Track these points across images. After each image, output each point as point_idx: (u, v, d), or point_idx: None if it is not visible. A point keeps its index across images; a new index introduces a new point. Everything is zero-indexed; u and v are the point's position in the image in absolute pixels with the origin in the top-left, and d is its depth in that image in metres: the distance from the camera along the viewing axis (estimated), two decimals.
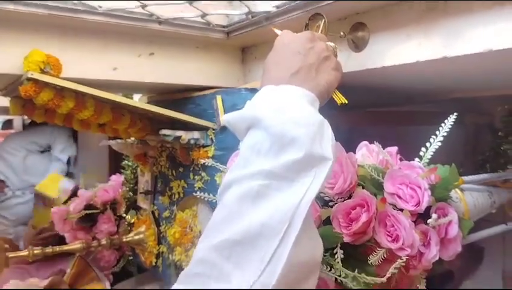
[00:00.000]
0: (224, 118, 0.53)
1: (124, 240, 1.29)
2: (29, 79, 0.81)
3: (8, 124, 3.60)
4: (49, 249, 1.15)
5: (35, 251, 1.14)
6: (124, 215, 1.43)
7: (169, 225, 1.19)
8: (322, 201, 0.65)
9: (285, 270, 0.38)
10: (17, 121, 3.56)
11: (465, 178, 0.82)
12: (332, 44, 0.64)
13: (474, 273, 1.35)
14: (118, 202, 1.46)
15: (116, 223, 1.45)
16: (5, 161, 2.31)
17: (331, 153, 0.45)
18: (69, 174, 2.37)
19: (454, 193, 0.79)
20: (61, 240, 1.47)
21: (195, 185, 1.09)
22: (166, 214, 1.22)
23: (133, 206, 1.42)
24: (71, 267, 1.48)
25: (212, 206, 1.00)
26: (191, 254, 1.06)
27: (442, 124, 0.73)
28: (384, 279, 0.56)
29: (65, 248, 1.21)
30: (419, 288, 0.66)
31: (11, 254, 1.10)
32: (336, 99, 0.60)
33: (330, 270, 0.59)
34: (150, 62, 1.01)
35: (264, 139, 0.45)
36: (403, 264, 0.57)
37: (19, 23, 0.84)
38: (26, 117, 3.58)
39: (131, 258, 1.46)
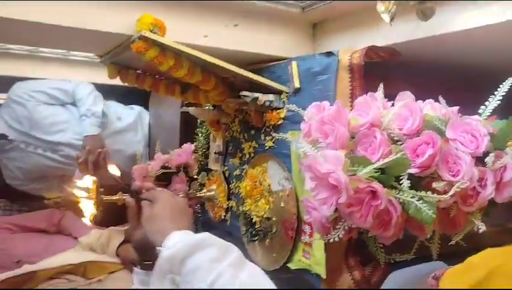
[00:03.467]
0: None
1: (198, 195, 1.45)
2: (140, 37, 0.97)
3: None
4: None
5: (125, 197, 1.31)
6: (196, 176, 1.59)
7: (239, 181, 1.33)
8: (392, 140, 0.76)
9: None
10: None
11: None
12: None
13: None
14: (190, 165, 1.63)
15: (188, 184, 1.62)
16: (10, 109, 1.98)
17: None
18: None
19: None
20: None
21: (265, 145, 1.22)
22: (237, 172, 1.37)
23: (204, 168, 1.58)
24: None
25: (282, 160, 1.12)
26: (260, 204, 1.20)
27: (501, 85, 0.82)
28: (448, 196, 0.66)
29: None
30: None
31: (105, 197, 1.27)
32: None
33: (398, 193, 0.69)
34: (234, 32, 1.15)
35: None
36: (463, 186, 0.67)
37: None
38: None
39: (200, 216, 1.62)
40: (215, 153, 1.48)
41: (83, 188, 1.26)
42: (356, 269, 0.92)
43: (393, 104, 0.83)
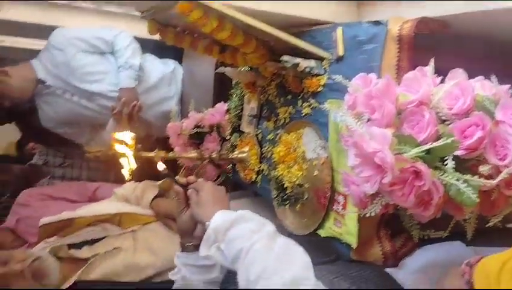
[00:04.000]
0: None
1: (230, 156, 1.47)
2: None
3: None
4: (172, 154, 1.35)
5: (161, 154, 1.34)
6: (228, 137, 1.61)
7: (272, 145, 1.34)
8: (440, 120, 0.74)
9: None
10: None
11: None
12: None
13: None
14: (223, 126, 1.64)
15: (220, 144, 1.64)
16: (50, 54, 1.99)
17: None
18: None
19: None
20: None
21: (302, 112, 1.21)
22: (270, 136, 1.37)
23: (236, 130, 1.59)
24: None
25: (320, 128, 1.12)
26: (293, 170, 1.21)
27: None
28: (494, 182, 0.65)
29: (184, 155, 1.42)
30: None
31: (143, 153, 1.31)
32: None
33: (442, 175, 0.69)
34: None
35: None
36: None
37: None
38: None
39: (230, 176, 1.65)
40: (249, 115, 1.48)
41: (122, 142, 1.29)
42: (387, 243, 0.93)
43: (442, 80, 0.81)
